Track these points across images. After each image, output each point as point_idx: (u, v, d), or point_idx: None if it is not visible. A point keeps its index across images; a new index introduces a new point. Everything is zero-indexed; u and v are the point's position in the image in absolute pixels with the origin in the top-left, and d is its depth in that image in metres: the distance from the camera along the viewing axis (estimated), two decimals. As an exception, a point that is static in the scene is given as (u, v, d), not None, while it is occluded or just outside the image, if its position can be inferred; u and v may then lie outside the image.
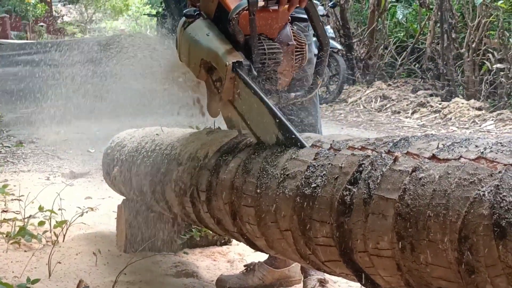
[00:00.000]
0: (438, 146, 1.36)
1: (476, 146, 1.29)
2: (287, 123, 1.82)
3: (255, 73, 1.94)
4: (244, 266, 2.88)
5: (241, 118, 2.01)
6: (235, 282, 2.75)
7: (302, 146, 1.75)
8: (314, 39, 2.42)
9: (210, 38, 2.04)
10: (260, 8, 1.94)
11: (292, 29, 2.11)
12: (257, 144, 1.94)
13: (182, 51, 2.23)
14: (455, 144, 1.33)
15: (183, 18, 2.19)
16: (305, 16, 2.13)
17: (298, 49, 2.11)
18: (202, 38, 2.07)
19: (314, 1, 2.06)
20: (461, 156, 1.28)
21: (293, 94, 2.13)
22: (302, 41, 2.13)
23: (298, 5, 2.02)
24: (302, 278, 2.70)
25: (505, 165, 1.19)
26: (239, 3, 1.94)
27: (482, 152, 1.25)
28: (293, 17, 2.15)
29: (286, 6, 2.00)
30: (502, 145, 1.25)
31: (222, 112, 2.15)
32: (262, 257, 2.80)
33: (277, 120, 1.82)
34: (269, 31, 2.02)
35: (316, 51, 2.39)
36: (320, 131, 2.60)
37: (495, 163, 1.21)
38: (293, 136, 1.78)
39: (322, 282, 2.57)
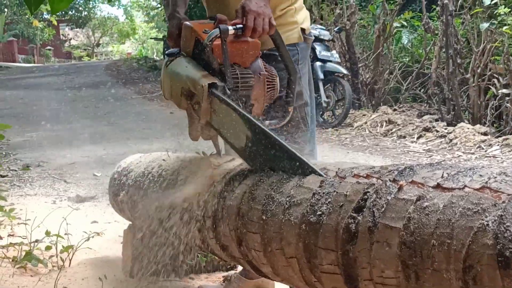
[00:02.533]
0: (442, 175, 1.37)
1: (481, 175, 1.30)
2: (258, 122, 1.97)
3: (229, 92, 2.11)
4: (223, 277, 3.10)
5: (218, 133, 2.18)
6: None
7: (276, 142, 1.88)
8: None
9: (189, 68, 2.24)
10: (232, 37, 2.15)
11: (263, 62, 2.30)
12: (263, 171, 1.96)
13: (165, 86, 2.42)
14: (460, 173, 1.35)
15: (166, 58, 2.41)
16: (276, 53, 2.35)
17: (269, 80, 2.28)
18: (181, 69, 2.27)
19: (319, 27, 2.18)
20: (465, 186, 1.29)
21: (267, 122, 2.31)
22: (273, 73, 2.31)
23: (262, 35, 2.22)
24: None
25: (509, 195, 1.20)
26: (211, 31, 2.15)
27: (486, 182, 1.26)
28: (264, 54, 2.36)
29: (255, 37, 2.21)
30: (506, 175, 1.26)
31: (202, 136, 2.29)
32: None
33: (247, 120, 1.97)
34: (241, 61, 2.23)
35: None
36: (309, 154, 2.69)
37: (499, 193, 1.22)
38: (264, 132, 1.93)
39: None
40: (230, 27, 2.13)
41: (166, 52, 2.40)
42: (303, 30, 2.65)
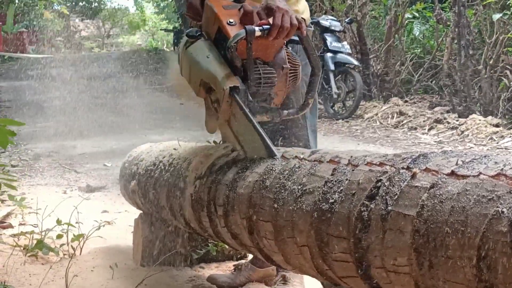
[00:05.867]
0: (457, 162, 1.35)
1: (496, 162, 1.28)
2: (272, 146, 2.02)
3: (250, 97, 2.10)
4: (234, 265, 3.11)
5: (235, 138, 2.17)
6: (224, 281, 2.96)
7: None
8: None
9: (210, 61, 2.19)
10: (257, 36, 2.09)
11: (287, 52, 2.26)
12: (274, 159, 1.95)
13: (183, 67, 2.39)
14: (475, 160, 1.33)
15: (185, 37, 2.34)
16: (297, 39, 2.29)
17: (292, 71, 2.26)
18: (202, 59, 2.22)
19: (330, 18, 2.15)
20: (480, 173, 1.27)
21: (286, 112, 2.27)
22: (296, 63, 2.28)
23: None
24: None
25: (524, 182, 1.19)
26: (238, 32, 2.09)
27: (502, 169, 1.24)
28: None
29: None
30: (522, 163, 1.24)
31: (219, 129, 2.30)
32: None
33: (264, 143, 2.01)
34: (264, 55, 2.18)
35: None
36: (311, 145, 2.73)
37: (514, 180, 1.20)
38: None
39: (284, 278, 2.79)
40: (256, 28, 2.07)
41: (186, 32, 2.32)
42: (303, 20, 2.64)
